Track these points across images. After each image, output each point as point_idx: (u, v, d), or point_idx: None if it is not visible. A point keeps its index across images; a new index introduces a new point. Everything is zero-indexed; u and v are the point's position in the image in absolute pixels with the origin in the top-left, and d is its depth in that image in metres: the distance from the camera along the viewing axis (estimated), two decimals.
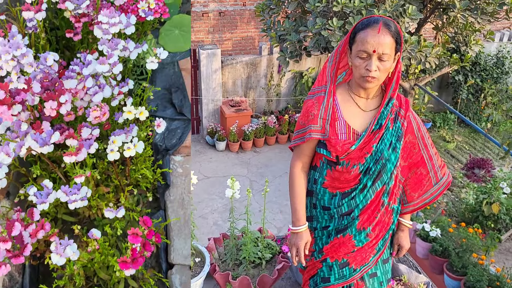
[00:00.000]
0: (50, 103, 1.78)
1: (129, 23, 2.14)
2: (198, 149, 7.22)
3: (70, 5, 2.13)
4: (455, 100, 8.12)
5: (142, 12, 2.26)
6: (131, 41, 2.10)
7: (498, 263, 4.17)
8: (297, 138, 1.82)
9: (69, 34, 2.18)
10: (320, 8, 4.69)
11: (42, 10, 2.11)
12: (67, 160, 1.76)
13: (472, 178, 5.16)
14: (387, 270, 1.93)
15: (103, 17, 2.06)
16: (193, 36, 8.17)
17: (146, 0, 2.30)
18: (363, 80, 1.66)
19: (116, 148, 1.84)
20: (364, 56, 1.63)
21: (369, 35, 1.60)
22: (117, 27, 2.07)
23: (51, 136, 1.76)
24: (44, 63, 1.95)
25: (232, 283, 2.42)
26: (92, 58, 2.01)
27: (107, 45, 2.03)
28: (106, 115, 1.91)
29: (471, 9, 4.76)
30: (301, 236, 1.85)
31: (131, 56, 2.08)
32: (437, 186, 1.86)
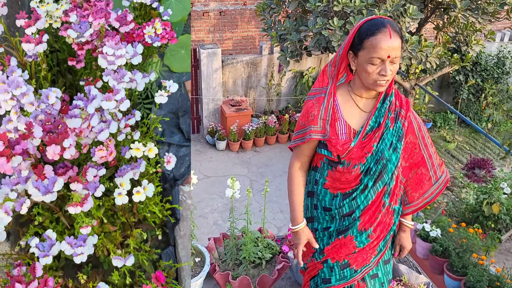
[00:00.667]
0: (53, 147, 1.66)
1: (136, 52, 2.02)
2: (198, 149, 7.22)
3: (72, 33, 2.03)
4: (456, 100, 8.12)
5: (149, 38, 2.15)
6: (138, 72, 1.98)
7: (498, 264, 4.17)
8: (297, 138, 1.82)
9: (72, 62, 2.08)
10: (321, 7, 4.69)
11: (43, 41, 1.99)
12: (72, 211, 1.65)
13: (473, 178, 5.16)
14: (388, 271, 1.92)
15: (109, 48, 1.96)
16: (193, 35, 8.17)
17: (152, 25, 2.19)
18: (376, 85, 1.65)
19: (124, 191, 1.73)
20: (378, 62, 1.61)
21: (382, 41, 1.58)
22: (123, 59, 1.97)
23: (54, 184, 1.63)
24: (46, 101, 1.83)
25: (232, 283, 2.41)
26: (96, 92, 1.87)
27: (112, 77, 1.92)
28: (113, 154, 1.80)
29: (472, 9, 4.75)
30: (299, 235, 1.87)
31: (138, 88, 1.98)
32: (436, 184, 1.86)
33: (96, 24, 2.05)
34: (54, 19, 2.15)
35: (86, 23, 2.07)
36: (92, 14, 2.07)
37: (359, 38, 1.63)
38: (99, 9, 2.09)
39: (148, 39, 2.16)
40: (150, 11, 2.40)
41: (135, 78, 1.97)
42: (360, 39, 1.63)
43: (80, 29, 2.04)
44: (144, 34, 2.17)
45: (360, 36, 1.63)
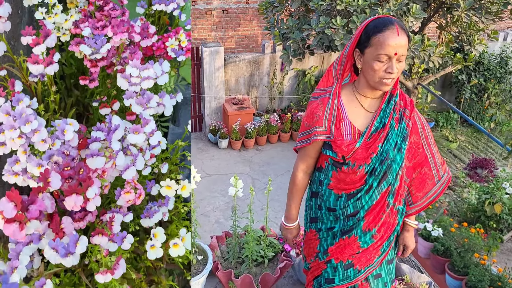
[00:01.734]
0: (74, 198, 1.36)
1: (163, 71, 1.74)
2: (200, 147, 7.22)
3: (86, 49, 1.75)
4: (458, 99, 8.11)
5: (172, 51, 1.89)
6: (166, 95, 1.70)
7: (500, 263, 4.17)
8: (302, 139, 1.82)
9: (84, 81, 1.82)
10: (324, 6, 4.68)
11: (54, 62, 1.72)
12: (101, 279, 1.35)
13: (475, 178, 5.16)
14: (391, 270, 1.93)
15: (133, 69, 1.68)
16: (196, 33, 8.17)
17: (175, 36, 1.93)
18: (381, 83, 1.65)
19: (158, 243, 1.46)
20: (385, 59, 1.61)
21: (390, 38, 1.58)
22: (150, 82, 1.69)
23: (76, 243, 1.31)
24: (61, 137, 1.50)
25: (235, 281, 2.42)
26: (119, 121, 1.57)
27: (136, 101, 1.65)
28: (142, 196, 1.52)
29: (475, 8, 4.74)
30: (291, 231, 2.01)
31: (166, 112, 1.71)
32: (439, 183, 1.86)
33: (117, 40, 1.78)
34: (62, 32, 1.91)
35: (101, 37, 1.80)
36: (111, 27, 1.79)
37: (366, 35, 1.63)
38: (120, 21, 1.83)
39: (172, 52, 1.90)
40: (165, 19, 2.16)
41: (163, 101, 1.68)
42: (367, 36, 1.63)
43: (95, 44, 1.76)
44: (166, 47, 1.91)
45: (367, 33, 1.63)
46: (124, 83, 1.69)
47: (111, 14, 1.91)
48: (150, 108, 1.64)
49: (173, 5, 2.01)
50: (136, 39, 1.87)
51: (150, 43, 1.89)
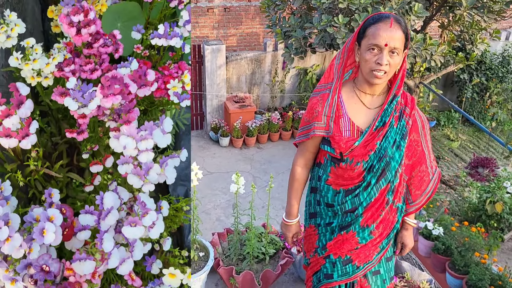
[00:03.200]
0: None
1: (164, 130, 1.49)
2: (201, 145, 7.23)
3: (71, 104, 1.48)
4: (460, 98, 8.10)
5: (175, 95, 1.66)
6: (168, 160, 1.47)
7: (500, 263, 4.17)
8: (301, 134, 1.83)
9: (71, 134, 1.58)
10: (326, 4, 4.68)
11: (31, 133, 1.45)
12: None
13: (476, 177, 5.15)
14: (390, 268, 1.93)
15: (128, 139, 1.41)
16: (198, 31, 8.18)
17: (179, 77, 1.68)
18: (372, 75, 1.66)
19: None
20: (375, 50, 1.62)
21: (381, 29, 1.61)
22: (149, 154, 1.44)
23: None
24: (40, 240, 1.24)
25: (236, 277, 2.43)
26: (112, 201, 1.34)
27: (133, 172, 1.41)
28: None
29: (477, 7, 4.74)
30: (291, 228, 1.98)
31: (168, 181, 1.48)
32: (433, 179, 1.88)
33: (108, 105, 1.51)
34: (44, 75, 1.65)
35: (89, 89, 1.54)
36: (101, 88, 1.50)
37: (363, 28, 1.67)
38: (112, 78, 1.54)
39: (174, 97, 1.66)
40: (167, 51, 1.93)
41: (166, 171, 1.43)
42: (363, 29, 1.67)
43: (82, 99, 1.49)
44: (168, 89, 1.67)
45: (364, 26, 1.67)
46: (118, 146, 1.45)
47: (101, 53, 1.66)
48: (149, 184, 1.39)
49: (176, 40, 1.77)
50: (132, 90, 1.59)
51: (148, 93, 1.63)
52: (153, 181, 1.42)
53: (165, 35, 1.75)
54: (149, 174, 1.41)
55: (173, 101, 1.66)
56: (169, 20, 2.06)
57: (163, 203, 1.47)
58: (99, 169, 1.61)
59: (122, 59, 1.80)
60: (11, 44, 1.65)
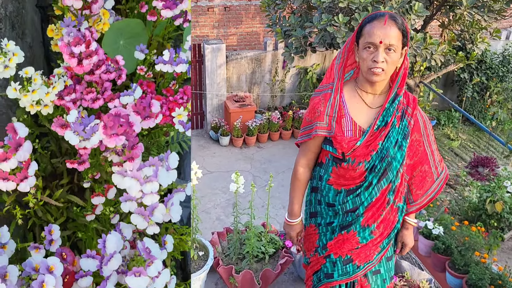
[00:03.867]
0: None
1: (169, 166, 1.44)
2: (201, 144, 7.23)
3: (72, 138, 1.42)
4: (460, 98, 8.09)
5: (180, 124, 1.63)
6: (173, 197, 1.40)
7: (500, 262, 4.17)
8: (303, 134, 1.83)
9: (72, 164, 1.54)
10: (326, 4, 4.68)
11: (30, 176, 1.40)
12: None
13: (476, 177, 5.15)
14: (390, 267, 1.93)
15: (132, 181, 1.35)
16: (198, 30, 8.17)
17: (184, 104, 1.65)
18: (370, 73, 1.66)
19: None
20: (371, 48, 1.63)
21: (376, 27, 1.62)
22: (154, 197, 1.37)
23: None
24: None
25: (235, 277, 2.43)
26: (115, 247, 1.27)
27: (136, 212, 1.37)
28: None
29: (478, 6, 4.73)
30: (294, 228, 1.98)
31: (173, 219, 1.42)
32: (438, 180, 1.87)
33: (112, 145, 1.46)
34: (44, 104, 1.61)
35: (91, 121, 1.48)
36: (103, 128, 1.43)
37: (360, 28, 1.69)
38: (115, 116, 1.46)
39: (179, 125, 1.63)
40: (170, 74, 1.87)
41: (171, 211, 1.37)
42: (360, 28, 1.68)
43: (83, 133, 1.44)
44: (173, 117, 1.63)
45: (361, 25, 1.68)
46: (121, 182, 1.38)
47: (103, 80, 1.60)
48: (154, 226, 1.33)
49: (182, 67, 1.70)
50: (137, 129, 1.52)
51: (153, 125, 1.57)
52: (158, 221, 1.37)
53: (170, 61, 1.71)
54: (153, 214, 1.36)
55: (178, 129, 1.64)
56: (172, 35, 2.03)
57: (167, 237, 1.42)
58: (101, 201, 1.57)
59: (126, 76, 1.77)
60: (9, 74, 1.60)
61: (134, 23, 1.93)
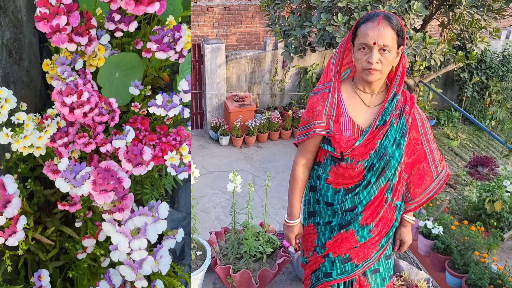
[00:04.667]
0: None
1: (158, 216, 1.47)
2: (201, 144, 7.22)
3: (63, 185, 1.45)
4: (460, 97, 8.09)
5: (172, 167, 1.65)
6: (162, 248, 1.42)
7: (500, 262, 4.16)
8: (302, 134, 1.82)
9: (63, 207, 1.59)
10: (325, 3, 4.67)
11: (18, 231, 1.42)
12: None
13: (476, 176, 5.14)
14: (389, 266, 1.93)
15: (120, 236, 1.36)
16: (197, 30, 8.17)
17: (177, 149, 1.66)
18: (366, 73, 1.66)
19: None
20: (366, 49, 1.63)
21: (369, 28, 1.61)
22: (142, 253, 1.39)
23: None
24: None
25: (233, 276, 2.42)
26: None
27: (126, 263, 1.37)
28: None
29: (477, 6, 4.73)
30: (293, 229, 1.95)
31: (161, 272, 1.42)
32: (437, 179, 1.86)
33: (100, 202, 1.47)
34: (36, 146, 1.63)
35: (82, 169, 1.50)
36: (93, 183, 1.45)
37: (355, 28, 1.68)
38: (105, 169, 1.48)
39: (171, 169, 1.65)
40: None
41: (160, 264, 1.37)
42: (355, 28, 1.68)
43: (74, 181, 1.47)
44: (165, 160, 1.65)
45: (356, 26, 1.68)
46: (111, 230, 1.41)
47: (96, 123, 1.61)
48: (142, 279, 1.31)
49: (174, 111, 1.72)
50: (127, 168, 1.54)
51: (144, 172, 1.58)
52: (146, 274, 1.37)
53: (163, 105, 1.74)
54: (142, 267, 1.36)
55: (170, 172, 1.63)
56: (169, 62, 2.01)
57: (157, 282, 1.43)
58: (92, 243, 1.59)
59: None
60: (1, 120, 1.60)
61: (130, 56, 1.96)
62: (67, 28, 1.62)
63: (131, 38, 2.06)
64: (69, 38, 1.65)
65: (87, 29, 1.70)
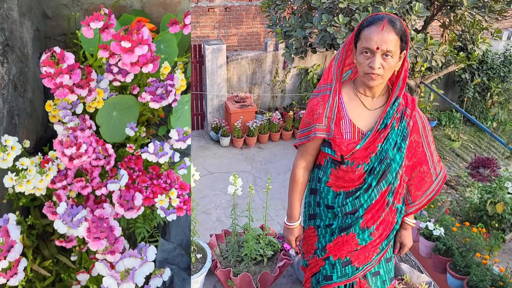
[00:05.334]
0: None
1: (146, 258, 1.58)
2: (202, 145, 7.22)
3: (60, 226, 1.58)
4: (461, 98, 8.07)
5: (161, 209, 1.76)
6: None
7: (501, 263, 4.15)
8: (302, 136, 1.81)
9: (60, 243, 1.69)
10: (326, 4, 4.66)
11: (19, 272, 1.52)
12: None
13: (477, 177, 5.13)
14: (390, 269, 1.92)
15: (110, 280, 1.47)
16: (198, 31, 8.17)
17: (167, 193, 1.76)
18: (367, 78, 1.65)
19: None
20: (368, 53, 1.61)
21: (373, 32, 1.59)
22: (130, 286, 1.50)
23: None
24: None
25: (234, 279, 2.41)
26: None
27: None
28: None
29: (478, 7, 4.71)
30: (293, 231, 1.95)
31: None
32: (436, 180, 1.85)
33: (93, 248, 1.57)
34: (37, 187, 1.74)
35: (79, 212, 1.62)
36: (87, 231, 1.57)
37: (358, 30, 1.67)
38: (99, 218, 1.61)
39: (161, 210, 1.77)
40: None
41: None
42: (358, 31, 1.66)
43: (71, 224, 1.58)
44: (154, 202, 1.76)
45: (359, 28, 1.66)
46: (103, 271, 1.53)
47: (93, 167, 1.73)
48: None
49: (165, 158, 1.85)
50: (120, 212, 1.68)
51: (135, 216, 1.72)
52: None
53: (155, 152, 1.86)
54: None
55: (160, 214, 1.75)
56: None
57: None
58: (86, 277, 1.67)
59: None
60: (6, 165, 1.71)
61: (127, 98, 2.10)
62: (69, 83, 1.79)
63: (129, 83, 2.16)
64: (71, 91, 1.80)
65: (88, 82, 1.84)
